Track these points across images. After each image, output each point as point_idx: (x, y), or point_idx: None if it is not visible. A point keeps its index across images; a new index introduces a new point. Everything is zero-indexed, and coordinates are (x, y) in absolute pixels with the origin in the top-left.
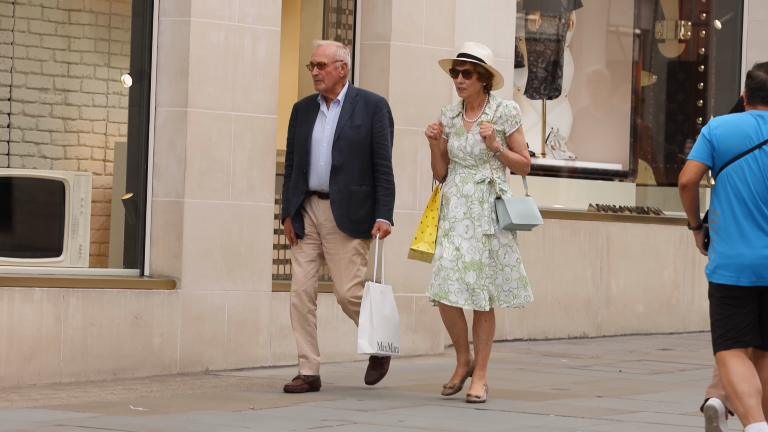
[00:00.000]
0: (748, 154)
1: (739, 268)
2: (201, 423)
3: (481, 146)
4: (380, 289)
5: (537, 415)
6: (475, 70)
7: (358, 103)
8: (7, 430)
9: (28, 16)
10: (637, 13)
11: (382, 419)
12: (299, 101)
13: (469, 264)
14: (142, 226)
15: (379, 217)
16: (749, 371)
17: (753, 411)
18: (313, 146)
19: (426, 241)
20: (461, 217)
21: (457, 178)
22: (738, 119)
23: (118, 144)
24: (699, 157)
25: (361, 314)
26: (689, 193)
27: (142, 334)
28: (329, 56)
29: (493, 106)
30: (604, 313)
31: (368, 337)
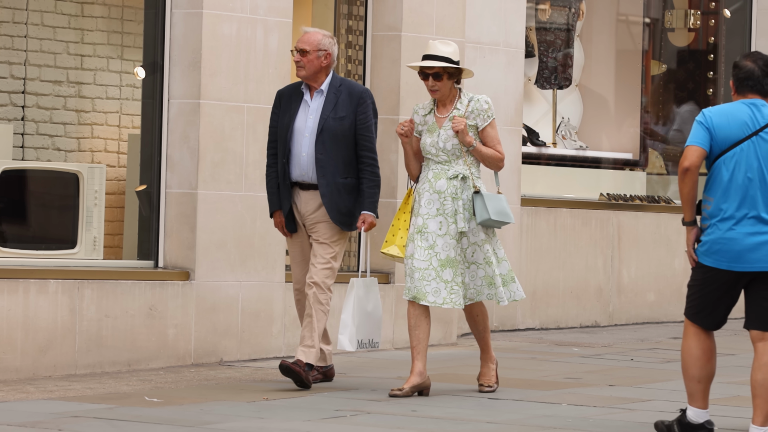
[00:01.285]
0: (745, 141)
1: (730, 253)
2: (215, 414)
3: (453, 141)
4: (365, 284)
5: (549, 404)
6: (445, 71)
7: (342, 93)
8: (24, 422)
9: (41, 9)
10: (646, 2)
11: (395, 409)
12: (283, 88)
13: (444, 261)
14: (156, 217)
15: (364, 209)
16: (705, 355)
17: (696, 396)
18: (295, 136)
19: (397, 245)
20: (434, 213)
21: (430, 174)
22: (732, 108)
23: (132, 136)
24: (699, 143)
25: (344, 309)
26: (691, 177)
27: (156, 326)
28: (312, 44)
29: (465, 101)
30: (616, 301)
31: (349, 335)
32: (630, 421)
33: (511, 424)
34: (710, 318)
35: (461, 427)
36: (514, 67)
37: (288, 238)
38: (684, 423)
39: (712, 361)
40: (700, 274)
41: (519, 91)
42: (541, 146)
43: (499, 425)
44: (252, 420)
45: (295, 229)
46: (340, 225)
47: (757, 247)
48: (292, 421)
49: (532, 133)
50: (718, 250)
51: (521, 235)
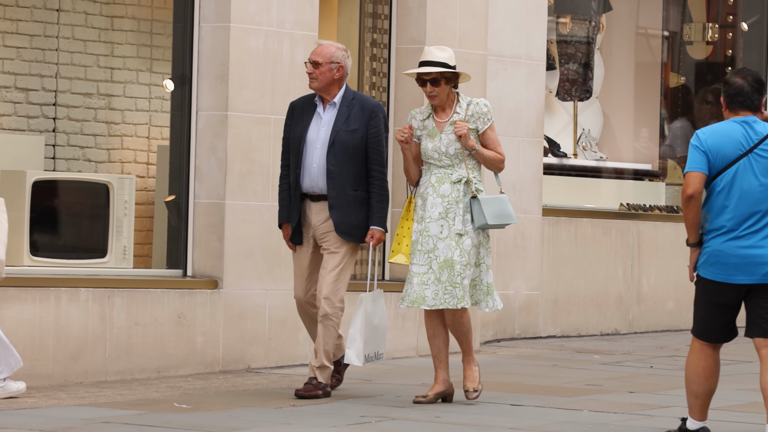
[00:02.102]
0: (741, 159)
1: (727, 266)
2: (243, 420)
3: (456, 146)
4: (372, 297)
5: (571, 411)
6: (443, 76)
7: (354, 107)
8: (55, 427)
9: (72, 23)
10: (665, 15)
11: (419, 415)
12: (296, 100)
13: (443, 263)
14: (185, 227)
15: (372, 224)
16: (705, 373)
17: (695, 410)
18: (307, 148)
19: (403, 253)
20: (437, 217)
21: (432, 178)
22: (726, 128)
23: (161, 147)
24: (699, 168)
25: (352, 324)
26: (695, 204)
27: (185, 333)
28: (325, 56)
29: (464, 105)
30: (636, 310)
31: (356, 349)
32: (650, 427)
33: (533, 430)
34: (714, 332)
35: None
36: (535, 79)
37: (293, 251)
38: (683, 431)
39: (711, 379)
40: (700, 287)
41: (540, 103)
42: (562, 157)
43: (522, 431)
44: (279, 426)
45: (301, 241)
46: (346, 237)
47: (754, 260)
48: (318, 427)
49: (554, 144)
50: (715, 262)
51: (543, 245)
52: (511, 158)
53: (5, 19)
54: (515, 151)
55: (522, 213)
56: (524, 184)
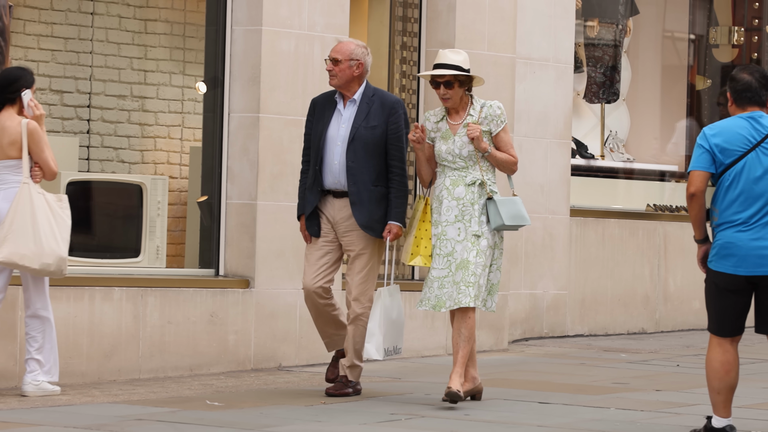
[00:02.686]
0: (748, 154)
1: (736, 258)
2: (274, 417)
3: (469, 148)
4: (389, 292)
5: (598, 409)
6: (456, 79)
7: (374, 103)
8: (89, 424)
9: (106, 26)
10: (691, 19)
11: (448, 413)
12: (317, 97)
13: (460, 264)
14: (217, 227)
15: (390, 219)
16: (724, 368)
17: (719, 406)
18: (327, 144)
19: (422, 255)
20: (453, 220)
21: (447, 181)
22: (732, 124)
23: (193, 148)
24: (702, 167)
25: (371, 319)
26: (697, 202)
27: (217, 332)
28: (345, 53)
29: (477, 107)
30: (662, 309)
31: (375, 343)
32: (676, 425)
33: (561, 427)
34: (729, 324)
35: (512, 430)
36: (563, 82)
37: (307, 241)
38: (709, 429)
39: (731, 374)
40: (711, 282)
41: (568, 105)
42: (589, 159)
43: (550, 429)
44: (310, 423)
45: (318, 233)
46: (369, 232)
47: (763, 252)
48: (348, 425)
49: (581, 145)
50: (726, 255)
51: (570, 245)
52: (539, 159)
53: (40, 23)
54: (543, 152)
55: (550, 214)
56: (552, 185)
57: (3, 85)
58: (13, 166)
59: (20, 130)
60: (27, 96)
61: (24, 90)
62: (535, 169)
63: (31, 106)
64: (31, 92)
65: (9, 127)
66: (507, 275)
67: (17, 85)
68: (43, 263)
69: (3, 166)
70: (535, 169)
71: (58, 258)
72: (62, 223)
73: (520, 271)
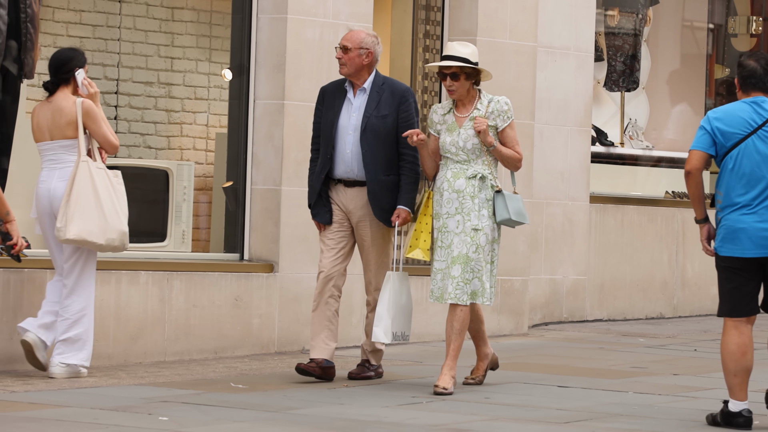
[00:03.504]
0: (748, 138)
1: (742, 241)
2: (297, 399)
3: (473, 141)
4: (399, 278)
5: (616, 392)
6: (463, 71)
7: (385, 92)
8: (116, 406)
9: (133, 14)
10: (710, 8)
11: (469, 396)
12: (326, 85)
13: (456, 258)
14: (242, 212)
15: (400, 204)
16: (741, 349)
17: (735, 389)
18: (339, 133)
19: (421, 248)
20: (453, 212)
21: (449, 173)
22: (735, 108)
23: (219, 135)
24: (701, 147)
25: (380, 302)
26: (693, 179)
27: (241, 315)
28: (355, 42)
29: (485, 102)
30: (680, 294)
31: (384, 327)
32: (693, 409)
33: (580, 410)
34: (742, 305)
35: (532, 413)
36: (583, 70)
37: (319, 228)
38: (725, 413)
39: (747, 355)
40: (721, 266)
41: (588, 93)
42: (609, 146)
43: (569, 412)
44: (333, 406)
45: (330, 221)
46: (382, 221)
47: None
48: (370, 407)
49: (601, 133)
50: (732, 238)
51: (590, 231)
52: (560, 147)
53: (69, 10)
54: (564, 140)
55: (570, 200)
56: (572, 172)
57: (56, 66)
58: (69, 146)
59: (76, 110)
60: (80, 75)
61: (77, 69)
62: (556, 156)
63: (85, 85)
64: (84, 71)
65: (65, 107)
66: (527, 260)
67: (70, 65)
68: (108, 238)
69: (59, 146)
70: (555, 156)
71: (121, 233)
72: (121, 197)
73: (541, 257)
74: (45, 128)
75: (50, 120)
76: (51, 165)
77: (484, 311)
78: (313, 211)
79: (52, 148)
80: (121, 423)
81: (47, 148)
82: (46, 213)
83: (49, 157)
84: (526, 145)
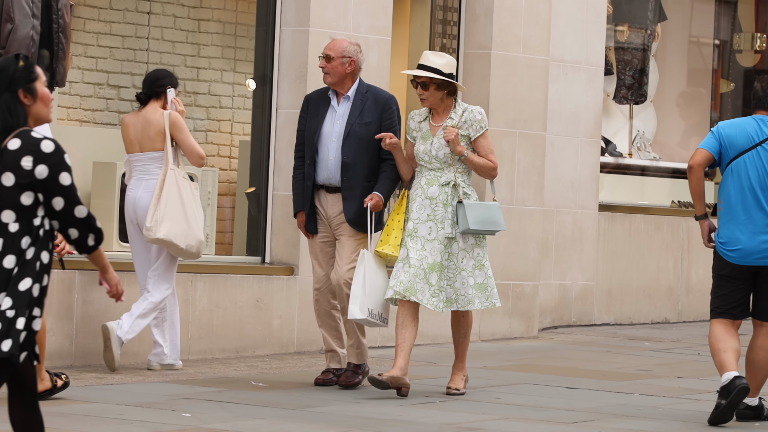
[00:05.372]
0: (750, 150)
1: (741, 252)
2: (315, 398)
3: (445, 150)
4: (375, 258)
5: (622, 394)
6: (432, 81)
7: (368, 99)
8: (141, 402)
9: (161, 26)
10: (716, 25)
11: (480, 396)
12: (310, 93)
13: (432, 265)
14: (264, 217)
15: (376, 189)
16: (727, 333)
17: (726, 363)
18: (322, 141)
19: (391, 244)
20: (425, 218)
21: (422, 180)
22: (743, 122)
23: (243, 142)
24: (706, 147)
25: (354, 281)
26: (695, 174)
27: (262, 316)
28: (337, 51)
29: (459, 111)
30: (685, 300)
31: (359, 303)
32: (696, 411)
33: (587, 411)
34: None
35: (541, 413)
36: (594, 83)
37: (309, 239)
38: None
39: (735, 337)
40: (717, 265)
41: (598, 105)
42: (618, 157)
43: (576, 412)
44: (349, 404)
45: (316, 230)
46: (358, 228)
47: (759, 245)
48: (385, 406)
49: (610, 144)
50: (731, 249)
51: (599, 238)
52: (570, 157)
53: (99, 21)
54: (574, 150)
55: (579, 208)
56: (582, 181)
57: (151, 80)
58: (157, 158)
59: (163, 121)
60: (171, 94)
61: (169, 88)
62: (566, 166)
63: (174, 102)
64: (175, 92)
65: (153, 119)
66: (538, 266)
67: (163, 81)
68: (188, 244)
69: (147, 158)
70: (566, 166)
71: (199, 241)
72: (199, 208)
73: (551, 263)
74: (135, 140)
75: (140, 132)
76: (139, 175)
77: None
78: (299, 219)
79: (141, 159)
80: (145, 419)
81: (137, 159)
82: (131, 221)
83: (138, 167)
84: (538, 155)
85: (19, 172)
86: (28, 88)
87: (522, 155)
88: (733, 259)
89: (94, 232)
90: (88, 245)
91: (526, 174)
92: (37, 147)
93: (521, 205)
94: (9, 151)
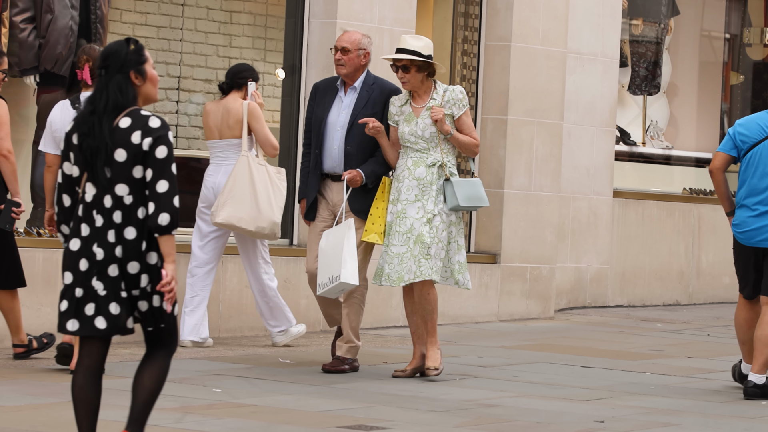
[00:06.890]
0: (761, 143)
1: (747, 233)
2: (340, 375)
3: (431, 130)
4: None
5: (635, 373)
6: (413, 64)
7: (374, 91)
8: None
9: (195, 17)
10: (727, 20)
11: (499, 374)
12: (319, 82)
13: (416, 239)
14: (292, 201)
15: (360, 167)
16: (747, 323)
17: (744, 354)
18: (328, 130)
19: (376, 232)
20: (413, 199)
21: (409, 161)
22: (756, 116)
23: (272, 129)
24: (724, 149)
25: (345, 246)
26: (716, 177)
27: (290, 296)
28: (353, 43)
29: (440, 92)
30: (695, 283)
31: (350, 269)
32: (706, 389)
33: (601, 389)
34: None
35: (557, 391)
36: (609, 75)
37: (308, 225)
38: (739, 371)
39: (752, 329)
40: (735, 250)
41: (613, 96)
42: (632, 145)
43: (591, 390)
44: (373, 381)
45: (314, 218)
46: (362, 216)
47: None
48: (408, 383)
49: (624, 133)
50: (741, 230)
51: (613, 224)
52: (586, 145)
53: (136, 12)
54: (590, 139)
55: (595, 195)
56: (597, 168)
57: (234, 72)
58: (235, 145)
59: (242, 111)
60: (252, 86)
61: (250, 80)
62: (582, 154)
63: (254, 95)
64: (255, 85)
65: (233, 108)
66: (554, 250)
67: (245, 74)
68: (258, 226)
69: (227, 145)
70: (582, 154)
71: (272, 222)
72: (278, 192)
73: (567, 247)
74: (215, 128)
75: (220, 120)
76: (218, 161)
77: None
78: (301, 206)
79: (220, 146)
80: (177, 394)
81: (216, 146)
82: (210, 205)
83: (217, 153)
84: (555, 143)
85: (130, 147)
86: (139, 69)
87: (540, 143)
88: (742, 240)
89: (169, 212)
90: (158, 224)
91: (543, 161)
92: (146, 123)
93: (539, 191)
94: (121, 129)
